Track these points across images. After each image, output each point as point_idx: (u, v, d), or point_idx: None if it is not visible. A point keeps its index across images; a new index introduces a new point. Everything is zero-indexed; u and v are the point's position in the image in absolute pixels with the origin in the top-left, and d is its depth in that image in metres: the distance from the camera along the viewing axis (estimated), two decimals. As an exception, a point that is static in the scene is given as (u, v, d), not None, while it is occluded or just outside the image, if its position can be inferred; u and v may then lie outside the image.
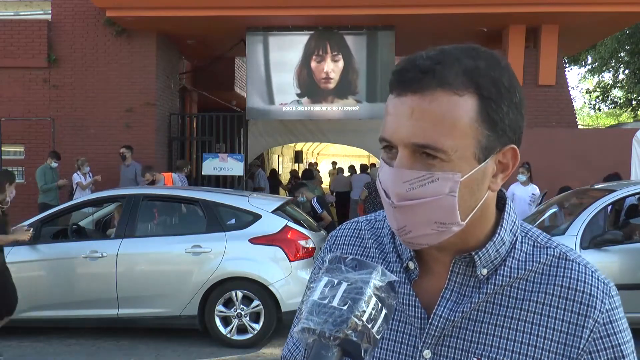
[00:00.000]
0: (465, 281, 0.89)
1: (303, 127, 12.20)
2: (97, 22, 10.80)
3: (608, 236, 5.66)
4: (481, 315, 0.88)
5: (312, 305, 0.72)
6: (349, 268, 0.75)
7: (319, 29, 10.79)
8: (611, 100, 22.40)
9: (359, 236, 1.02)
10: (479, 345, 0.87)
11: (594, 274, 0.88)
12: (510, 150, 0.86)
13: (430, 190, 0.81)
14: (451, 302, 0.89)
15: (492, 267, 0.88)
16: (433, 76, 0.80)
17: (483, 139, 0.82)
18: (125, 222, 6.05)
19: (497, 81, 0.82)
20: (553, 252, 0.90)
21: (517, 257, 0.89)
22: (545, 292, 0.87)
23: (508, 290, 0.88)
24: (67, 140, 10.77)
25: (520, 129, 0.86)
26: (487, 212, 0.89)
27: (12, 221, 5.61)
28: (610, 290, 0.88)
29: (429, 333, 0.89)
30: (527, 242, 0.91)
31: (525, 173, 8.06)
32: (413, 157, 0.81)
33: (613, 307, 0.87)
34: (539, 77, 10.49)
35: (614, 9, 9.52)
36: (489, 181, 0.86)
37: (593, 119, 29.89)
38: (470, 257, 0.88)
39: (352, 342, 0.70)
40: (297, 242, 5.79)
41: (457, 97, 0.80)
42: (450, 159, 0.80)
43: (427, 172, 0.80)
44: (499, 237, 0.89)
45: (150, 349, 5.76)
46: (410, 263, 0.93)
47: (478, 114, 0.81)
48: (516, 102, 0.84)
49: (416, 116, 0.80)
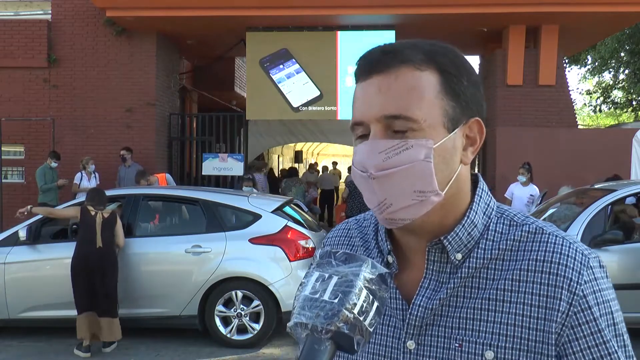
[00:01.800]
0: (441, 268, 0.90)
1: (303, 127, 12.19)
2: (97, 22, 10.80)
3: (608, 236, 5.66)
4: (460, 300, 0.88)
5: (303, 300, 0.73)
6: (339, 262, 0.75)
7: (318, 29, 10.79)
8: (611, 100, 22.38)
9: (347, 235, 1.05)
10: (459, 331, 0.87)
11: (571, 245, 0.86)
12: (475, 123, 0.89)
13: (406, 157, 0.83)
14: (429, 291, 0.89)
15: (466, 251, 0.88)
16: (394, 55, 0.85)
17: (449, 109, 0.86)
18: (125, 221, 6.05)
19: (454, 60, 0.88)
20: (529, 228, 0.89)
21: (490, 238, 0.89)
22: (520, 268, 0.86)
23: (484, 272, 0.88)
24: (67, 140, 10.78)
25: (482, 106, 0.91)
26: (461, 189, 0.90)
27: (12, 221, 5.69)
28: (589, 261, 0.85)
29: (410, 323, 0.89)
30: (503, 222, 0.91)
31: (525, 174, 8.06)
32: (386, 132, 0.85)
33: (592, 279, 0.84)
34: (539, 77, 10.48)
35: (614, 9, 9.52)
36: (460, 154, 0.88)
37: (593, 119, 29.86)
38: (441, 242, 0.88)
39: (345, 335, 0.70)
40: (297, 242, 5.79)
41: (420, 71, 0.85)
42: (421, 128, 0.83)
43: (401, 140, 0.83)
44: (468, 219, 0.89)
45: (150, 349, 5.76)
46: (389, 257, 0.94)
47: (441, 86, 0.85)
48: (474, 80, 0.89)
49: (384, 91, 0.85)
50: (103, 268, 5.42)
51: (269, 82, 10.85)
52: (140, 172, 8.75)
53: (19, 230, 5.93)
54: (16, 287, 5.87)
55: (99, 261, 5.41)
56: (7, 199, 10.60)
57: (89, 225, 5.47)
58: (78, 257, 5.43)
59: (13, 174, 11.07)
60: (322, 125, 12.08)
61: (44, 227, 6.13)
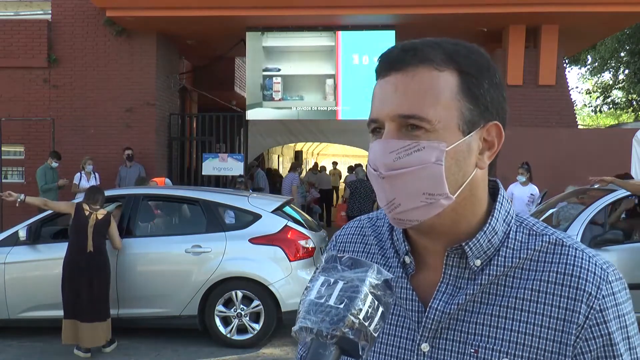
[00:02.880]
0: (460, 273, 0.89)
1: (303, 127, 12.20)
2: (97, 22, 10.80)
3: (608, 236, 5.66)
4: (477, 306, 0.87)
5: (309, 304, 0.73)
6: (345, 267, 0.75)
7: (318, 29, 10.80)
8: (612, 101, 22.37)
9: (361, 233, 1.04)
10: (476, 337, 0.86)
11: (591, 259, 0.86)
12: (494, 127, 0.88)
13: (417, 159, 0.82)
14: (447, 295, 0.89)
15: (486, 258, 0.88)
16: (414, 54, 0.84)
17: (466, 112, 0.84)
18: (125, 221, 6.05)
19: (476, 61, 0.86)
20: (549, 239, 0.89)
21: (511, 246, 0.89)
22: (540, 279, 0.86)
23: (504, 279, 0.88)
24: (67, 140, 10.77)
25: (504, 109, 0.89)
26: (477, 193, 0.89)
27: (12, 221, 5.68)
28: (608, 275, 0.85)
29: (426, 326, 0.89)
30: (522, 231, 0.91)
31: (524, 174, 8.05)
32: (399, 131, 0.84)
33: (610, 293, 0.84)
34: (539, 77, 10.48)
35: (614, 9, 9.52)
36: (476, 158, 0.87)
37: (593, 119, 29.88)
38: (462, 248, 0.88)
39: (350, 340, 0.70)
40: (297, 242, 5.79)
41: (438, 72, 0.84)
42: (435, 129, 0.82)
43: (413, 141, 0.82)
44: (489, 226, 0.88)
45: (150, 348, 5.76)
46: (406, 257, 0.93)
47: (459, 88, 0.84)
48: (497, 83, 0.88)
49: (400, 91, 0.84)
50: (91, 273, 5.34)
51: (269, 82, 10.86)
52: (140, 179, 8.75)
53: (19, 230, 5.92)
54: (16, 287, 5.87)
55: (88, 266, 5.34)
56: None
57: (81, 226, 5.40)
58: (67, 261, 5.39)
59: (13, 174, 11.07)
60: (322, 125, 12.09)
61: (44, 227, 6.13)
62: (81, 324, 5.30)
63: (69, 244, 5.47)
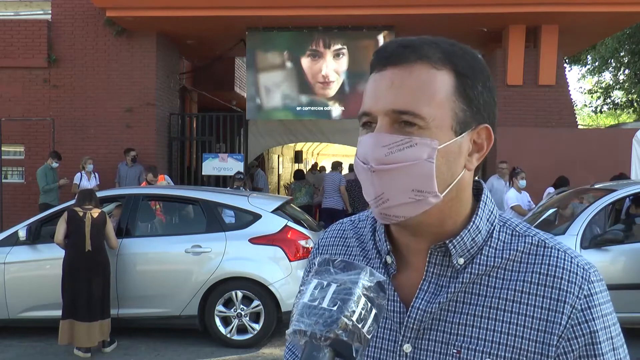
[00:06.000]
0: (442, 272, 0.89)
1: (303, 127, 12.19)
2: (97, 22, 10.80)
3: (608, 236, 5.65)
4: (460, 306, 0.87)
5: (302, 307, 0.73)
6: (337, 270, 0.76)
7: (319, 29, 10.79)
8: (612, 101, 22.35)
9: (342, 236, 1.03)
10: (458, 337, 0.86)
11: (573, 260, 0.87)
12: (484, 130, 0.88)
13: (408, 154, 0.82)
14: (429, 294, 0.89)
15: (469, 256, 0.88)
16: (413, 50, 0.84)
17: (459, 112, 0.85)
18: (125, 221, 6.05)
19: (472, 63, 0.87)
20: (531, 240, 0.89)
21: (494, 245, 0.89)
22: (523, 280, 0.86)
23: (486, 279, 0.88)
24: (67, 140, 10.78)
25: (494, 114, 0.90)
26: (463, 195, 0.89)
27: (12, 221, 5.66)
28: (590, 275, 0.86)
29: (408, 326, 0.88)
30: (505, 231, 0.91)
31: (524, 178, 7.95)
32: (392, 126, 0.84)
33: (592, 293, 0.85)
34: (539, 77, 10.48)
35: (614, 9, 9.51)
36: (465, 159, 0.87)
37: (593, 119, 29.86)
38: (445, 246, 0.88)
39: (343, 342, 0.70)
40: (297, 242, 5.79)
41: (435, 70, 0.84)
42: (428, 127, 0.82)
43: (405, 137, 0.82)
44: (473, 225, 0.89)
45: (150, 349, 5.76)
46: (387, 257, 0.93)
47: (455, 88, 0.85)
48: (489, 86, 0.89)
49: (396, 85, 0.84)
50: (90, 273, 5.34)
51: (269, 82, 10.86)
52: (151, 167, 8.72)
53: (19, 230, 5.93)
54: (16, 287, 5.88)
55: (86, 266, 5.34)
56: (7, 199, 10.60)
57: (78, 227, 5.40)
58: (66, 262, 5.39)
59: (13, 174, 11.07)
60: (322, 125, 12.07)
61: (43, 227, 6.13)
62: (77, 323, 5.30)
63: (68, 245, 5.47)
